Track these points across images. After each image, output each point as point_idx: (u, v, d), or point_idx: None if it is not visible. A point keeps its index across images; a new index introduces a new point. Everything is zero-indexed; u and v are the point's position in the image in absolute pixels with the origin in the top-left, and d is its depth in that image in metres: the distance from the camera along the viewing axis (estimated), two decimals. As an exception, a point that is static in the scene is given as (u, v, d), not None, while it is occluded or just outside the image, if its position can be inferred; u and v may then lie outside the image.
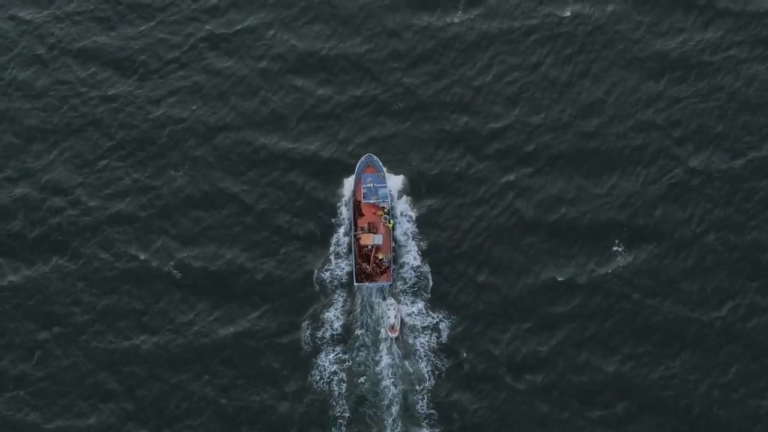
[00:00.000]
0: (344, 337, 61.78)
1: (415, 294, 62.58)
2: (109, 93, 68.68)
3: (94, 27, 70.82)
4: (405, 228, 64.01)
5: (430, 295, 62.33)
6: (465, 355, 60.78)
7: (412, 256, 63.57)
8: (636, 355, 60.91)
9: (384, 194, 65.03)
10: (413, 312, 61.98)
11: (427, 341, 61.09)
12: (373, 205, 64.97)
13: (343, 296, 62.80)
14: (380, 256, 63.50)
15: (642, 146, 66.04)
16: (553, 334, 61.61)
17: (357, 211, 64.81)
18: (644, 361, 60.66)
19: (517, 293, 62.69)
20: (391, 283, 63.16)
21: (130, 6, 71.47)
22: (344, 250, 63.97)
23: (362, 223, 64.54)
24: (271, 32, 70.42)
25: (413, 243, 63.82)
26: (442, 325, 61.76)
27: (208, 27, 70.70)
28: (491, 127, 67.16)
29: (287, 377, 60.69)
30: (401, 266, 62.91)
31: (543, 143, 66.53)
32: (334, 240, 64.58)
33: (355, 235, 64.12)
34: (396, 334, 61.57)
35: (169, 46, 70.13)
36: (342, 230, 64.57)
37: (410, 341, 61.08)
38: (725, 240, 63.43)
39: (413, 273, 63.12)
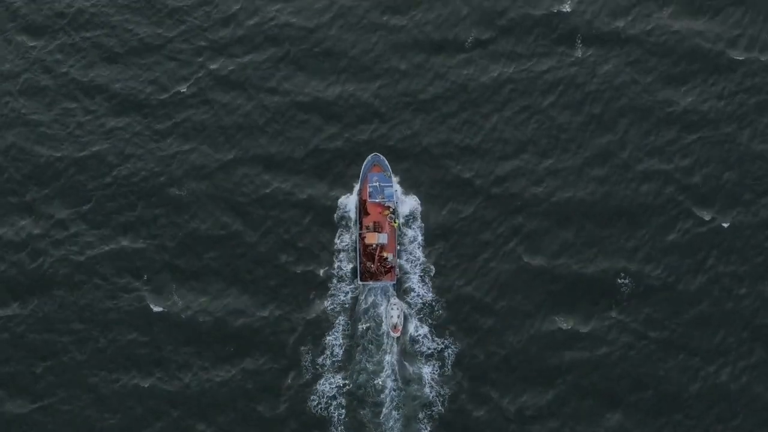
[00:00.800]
0: (345, 365, 61.95)
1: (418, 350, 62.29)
2: (111, 126, 67.83)
3: (98, 59, 69.89)
4: (411, 269, 63.91)
5: (433, 344, 62.01)
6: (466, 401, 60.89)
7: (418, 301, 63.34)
8: (640, 405, 60.47)
9: (390, 193, 65.13)
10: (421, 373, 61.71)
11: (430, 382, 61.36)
12: (379, 204, 65.13)
13: (344, 322, 62.74)
14: (385, 255, 63.72)
15: (650, 195, 65.17)
16: (556, 383, 61.12)
17: (362, 209, 64.99)
18: (648, 414, 60.30)
19: (520, 340, 61.93)
20: (394, 282, 63.39)
21: (138, 38, 70.57)
22: (348, 274, 63.71)
23: (368, 221, 64.69)
24: (279, 69, 69.56)
25: (419, 289, 63.46)
26: (446, 387, 61.44)
27: (214, 63, 69.77)
28: (500, 170, 66.18)
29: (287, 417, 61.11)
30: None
31: (551, 189, 65.62)
32: (336, 269, 64.18)
33: (360, 234, 64.29)
34: (398, 334, 61.78)
35: (175, 80, 69.18)
36: (343, 262, 64.23)
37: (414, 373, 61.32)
38: (732, 293, 62.55)
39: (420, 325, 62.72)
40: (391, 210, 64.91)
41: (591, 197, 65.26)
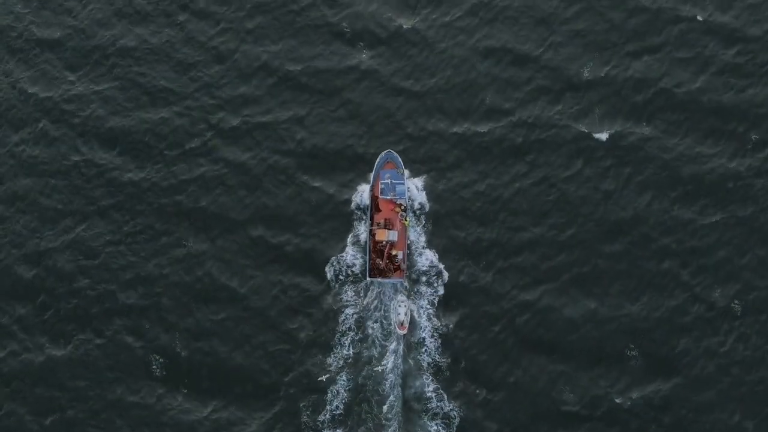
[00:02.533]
0: (345, 419, 61.81)
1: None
2: (115, 176, 66.74)
3: (111, 108, 68.86)
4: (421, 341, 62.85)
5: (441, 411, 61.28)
6: None
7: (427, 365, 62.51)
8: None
9: (401, 191, 65.15)
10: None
11: None
12: (390, 201, 65.15)
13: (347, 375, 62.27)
14: (394, 253, 63.74)
15: (667, 272, 63.69)
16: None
17: (374, 206, 65.02)
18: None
19: (528, 415, 61.04)
20: (403, 280, 63.41)
21: (149, 90, 69.38)
22: (352, 327, 63.14)
23: (379, 218, 64.73)
24: (289, 127, 68.24)
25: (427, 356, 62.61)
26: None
27: (225, 118, 68.56)
28: (517, 239, 64.85)
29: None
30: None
31: (566, 260, 64.23)
32: (341, 323, 63.46)
33: (370, 230, 64.34)
34: (405, 332, 61.79)
35: (184, 134, 68.00)
36: (347, 319, 63.22)
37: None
38: (746, 375, 61.46)
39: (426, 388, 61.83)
40: (402, 207, 64.92)
41: (607, 271, 63.79)
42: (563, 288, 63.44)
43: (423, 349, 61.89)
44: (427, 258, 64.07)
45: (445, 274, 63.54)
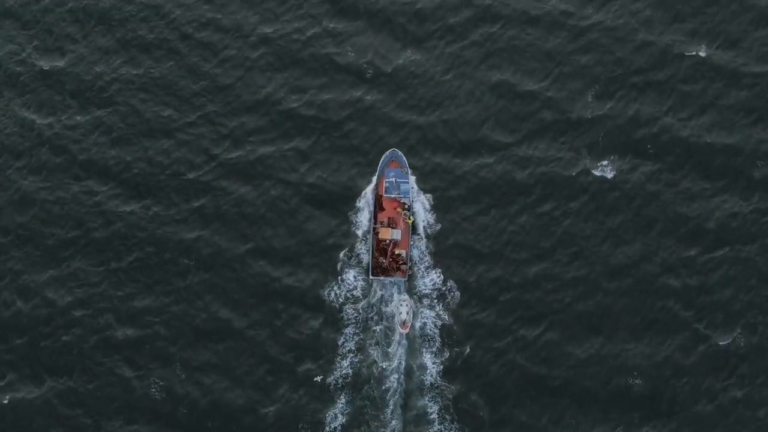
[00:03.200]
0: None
1: None
2: (114, 207, 66.00)
3: (110, 138, 67.93)
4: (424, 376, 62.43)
5: None
6: None
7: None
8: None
9: (406, 190, 65.15)
10: None
11: None
12: (394, 200, 65.19)
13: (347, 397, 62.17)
14: (398, 251, 63.82)
15: (671, 311, 62.85)
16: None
17: (378, 205, 65.08)
18: None
19: None
20: (406, 279, 63.49)
21: (149, 120, 68.47)
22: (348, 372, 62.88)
23: (382, 217, 64.80)
24: (290, 159, 67.25)
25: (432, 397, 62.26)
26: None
27: (226, 149, 67.67)
28: (521, 274, 63.99)
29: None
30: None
31: (570, 297, 63.38)
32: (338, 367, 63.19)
33: (374, 229, 64.43)
34: (407, 331, 61.93)
35: (184, 166, 67.10)
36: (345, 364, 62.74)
37: None
38: (750, 414, 60.77)
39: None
40: (406, 206, 64.94)
41: (607, 311, 63.00)
42: (567, 325, 62.64)
43: (425, 376, 61.81)
44: (432, 284, 63.58)
45: (451, 302, 63.09)
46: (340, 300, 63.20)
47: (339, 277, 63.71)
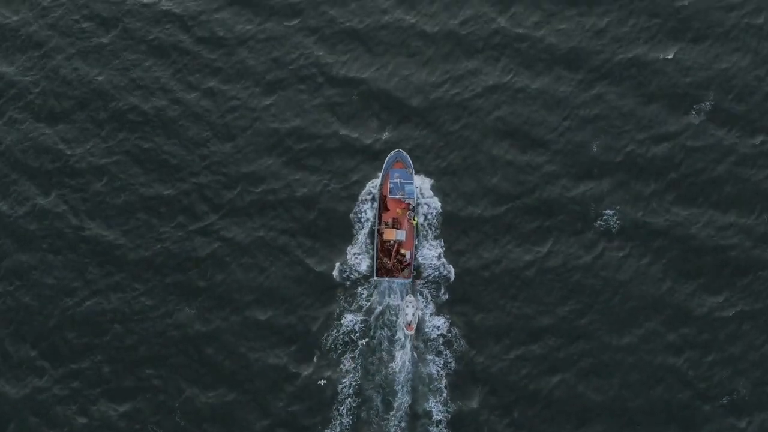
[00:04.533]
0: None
1: None
2: (117, 251, 64.56)
3: (116, 181, 66.53)
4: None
5: None
6: None
7: None
8: None
9: (410, 190, 64.91)
10: None
11: None
12: (399, 201, 64.94)
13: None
14: (402, 252, 63.59)
15: (682, 364, 62.17)
16: None
17: (382, 205, 64.79)
18: None
19: None
20: (410, 279, 63.28)
21: (155, 163, 67.04)
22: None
23: (387, 218, 64.52)
24: (297, 205, 65.87)
25: None
26: None
27: (234, 195, 66.34)
28: (532, 325, 62.96)
29: None
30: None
31: (581, 348, 62.48)
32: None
33: (378, 230, 64.15)
34: (412, 332, 61.77)
35: (188, 211, 65.79)
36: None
37: None
38: None
39: None
40: (410, 207, 64.71)
41: (622, 361, 62.62)
42: (577, 377, 62.05)
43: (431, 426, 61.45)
44: (438, 332, 62.84)
45: (457, 356, 62.38)
46: (340, 339, 62.48)
47: (342, 319, 63.10)
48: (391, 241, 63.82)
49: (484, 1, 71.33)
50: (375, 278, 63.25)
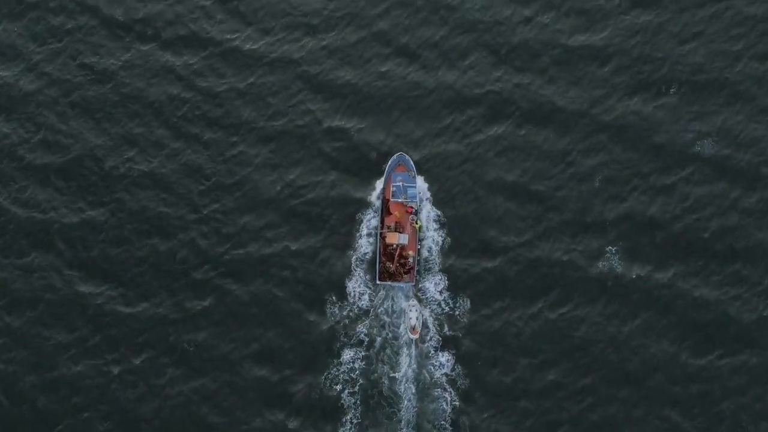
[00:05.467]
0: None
1: None
2: (107, 308, 63.12)
3: (104, 237, 65.16)
4: None
5: None
6: None
7: None
8: None
9: (413, 194, 64.65)
10: None
11: None
12: (402, 204, 64.63)
13: None
14: (405, 255, 63.20)
15: (683, 421, 61.22)
16: None
17: (385, 209, 64.45)
18: None
19: None
20: (414, 283, 62.88)
21: (145, 220, 65.66)
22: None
23: (389, 221, 64.18)
24: (291, 261, 64.57)
25: None
26: None
27: (225, 250, 64.89)
28: (535, 382, 61.96)
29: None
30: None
31: (584, 406, 61.43)
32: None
33: (381, 233, 63.77)
34: (417, 336, 61.30)
35: (180, 266, 64.47)
36: None
37: None
38: None
39: None
40: (413, 211, 64.41)
41: (625, 419, 61.49)
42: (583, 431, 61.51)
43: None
44: (443, 370, 61.91)
45: (462, 395, 61.59)
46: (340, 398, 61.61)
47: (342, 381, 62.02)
48: (394, 245, 63.43)
49: (484, 53, 70.75)
50: (377, 282, 62.78)
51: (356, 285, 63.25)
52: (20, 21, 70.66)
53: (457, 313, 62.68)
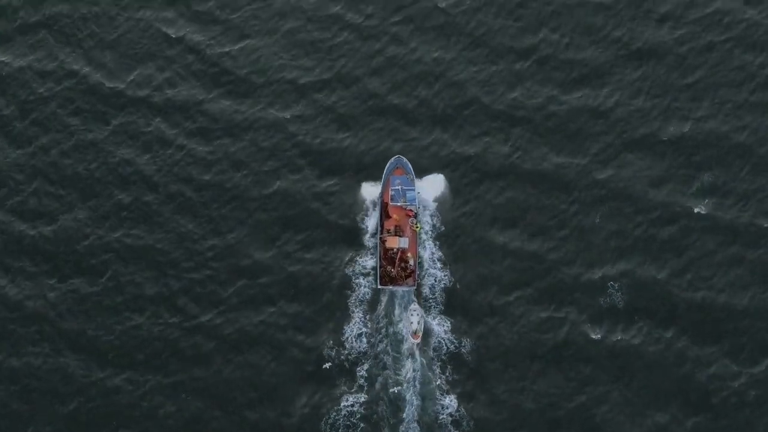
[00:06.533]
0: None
1: None
2: (95, 384, 61.70)
3: (89, 315, 63.56)
4: None
5: None
6: None
7: None
8: None
9: (412, 197, 64.13)
10: None
11: None
12: (401, 208, 64.12)
13: None
14: (406, 259, 62.73)
15: None
16: None
17: (384, 213, 63.96)
18: None
19: None
20: (415, 286, 62.37)
21: (128, 294, 64.08)
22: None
23: (389, 225, 63.68)
24: (281, 336, 62.98)
25: None
26: None
27: (205, 324, 63.23)
28: (549, 411, 60.92)
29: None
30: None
31: None
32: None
33: (381, 238, 63.27)
34: (419, 341, 60.77)
35: (161, 342, 62.73)
36: None
37: None
38: None
39: None
40: (413, 214, 63.89)
41: None
42: None
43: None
44: (447, 410, 60.71)
45: None
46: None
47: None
48: (395, 249, 62.94)
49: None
50: (379, 287, 62.31)
51: (353, 330, 62.22)
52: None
53: (462, 353, 61.72)
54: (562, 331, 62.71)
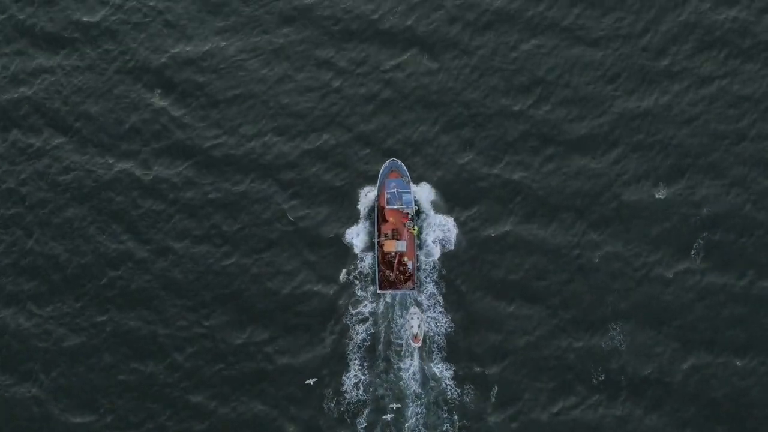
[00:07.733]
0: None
1: None
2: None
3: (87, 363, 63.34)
4: None
5: None
6: None
7: None
8: None
9: (408, 200, 63.93)
10: None
11: None
12: (397, 211, 63.98)
13: None
14: (404, 262, 62.69)
15: None
16: None
17: (380, 217, 63.82)
18: None
19: None
20: (415, 289, 62.38)
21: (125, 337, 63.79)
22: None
23: (386, 229, 63.54)
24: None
25: None
26: None
27: (205, 366, 62.93)
28: None
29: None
30: None
31: None
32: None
33: (378, 242, 63.19)
34: (419, 344, 60.92)
35: (160, 390, 62.59)
36: None
37: None
38: None
39: None
40: (409, 217, 63.76)
41: None
42: None
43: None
44: None
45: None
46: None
47: None
48: (392, 253, 62.86)
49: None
50: (378, 291, 62.31)
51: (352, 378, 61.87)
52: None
53: (465, 401, 61.43)
54: (563, 402, 62.09)
